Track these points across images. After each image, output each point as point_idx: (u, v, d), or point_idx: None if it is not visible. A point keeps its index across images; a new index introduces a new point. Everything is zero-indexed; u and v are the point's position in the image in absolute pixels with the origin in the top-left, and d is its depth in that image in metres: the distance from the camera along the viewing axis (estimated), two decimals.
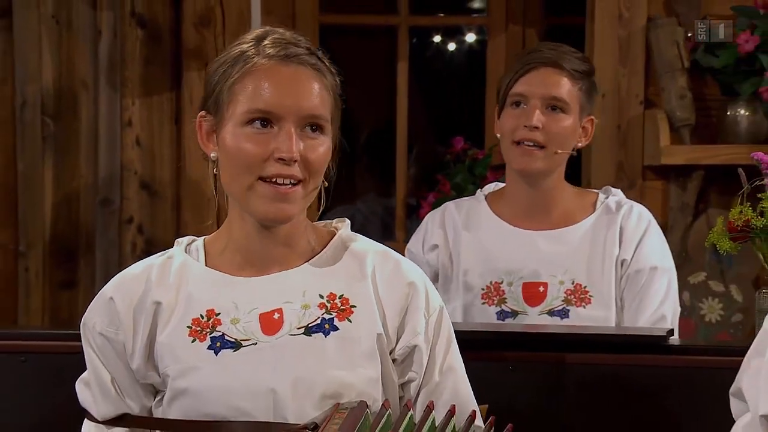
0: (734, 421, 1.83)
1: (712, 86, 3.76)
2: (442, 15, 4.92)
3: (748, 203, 2.70)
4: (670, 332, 2.50)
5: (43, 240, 3.93)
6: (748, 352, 1.83)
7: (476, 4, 4.80)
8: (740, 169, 2.77)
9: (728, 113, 3.70)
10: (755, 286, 3.12)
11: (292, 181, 1.87)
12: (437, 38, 5.05)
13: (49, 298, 3.95)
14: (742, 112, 3.67)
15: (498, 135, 2.76)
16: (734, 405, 1.83)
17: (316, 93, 1.89)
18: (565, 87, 2.68)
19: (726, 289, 3.63)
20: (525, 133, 2.66)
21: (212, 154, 1.93)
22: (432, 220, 2.83)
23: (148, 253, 2.25)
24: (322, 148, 1.89)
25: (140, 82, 3.88)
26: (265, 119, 1.86)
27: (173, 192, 3.90)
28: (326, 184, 1.94)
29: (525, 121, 2.66)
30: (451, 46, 5.08)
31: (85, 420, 1.99)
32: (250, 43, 1.90)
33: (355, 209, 4.51)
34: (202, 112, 1.94)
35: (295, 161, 1.85)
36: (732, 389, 1.83)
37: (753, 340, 1.87)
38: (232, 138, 1.88)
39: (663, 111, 3.74)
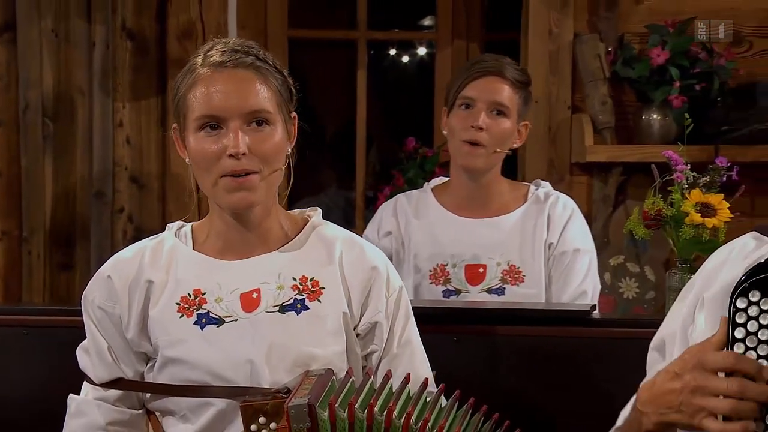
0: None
1: (629, 94, 3.78)
2: (396, 30, 4.93)
3: (660, 195, 2.73)
4: (593, 307, 2.52)
5: (44, 227, 3.90)
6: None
7: (426, 22, 4.79)
8: (653, 166, 2.80)
9: (643, 117, 3.72)
10: (665, 267, 3.15)
11: (246, 173, 1.86)
12: (392, 51, 5.06)
13: (49, 279, 3.93)
14: (655, 116, 3.69)
15: (445, 132, 2.77)
16: (651, 357, 1.81)
17: (257, 90, 1.87)
18: (507, 94, 2.69)
19: (641, 270, 3.66)
20: (472, 133, 2.67)
21: (187, 159, 1.92)
22: (385, 210, 2.84)
23: (137, 239, 2.26)
24: (270, 138, 1.88)
25: (129, 88, 3.86)
26: (213, 122, 1.86)
27: (159, 185, 3.88)
28: (282, 168, 1.92)
29: (472, 121, 2.67)
30: (405, 58, 5.09)
31: (84, 382, 1.99)
32: (200, 55, 1.90)
33: (319, 200, 4.50)
34: (174, 124, 1.94)
35: (244, 154, 1.84)
36: (654, 342, 1.81)
37: (665, 314, 1.87)
38: (193, 143, 1.88)
39: (587, 115, 3.75)
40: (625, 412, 1.77)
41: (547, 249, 2.72)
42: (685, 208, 2.65)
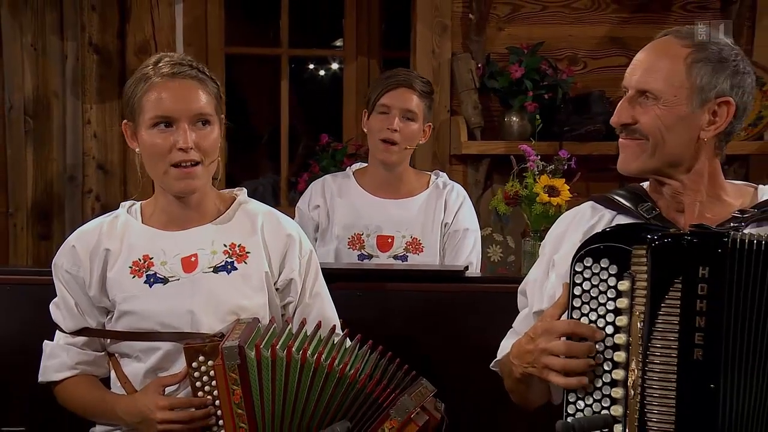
0: (514, 319, 1.85)
1: (495, 101, 3.80)
2: (313, 48, 4.88)
3: (517, 180, 2.76)
4: (466, 268, 2.54)
5: (27, 205, 3.81)
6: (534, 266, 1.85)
7: (338, 43, 4.75)
8: (512, 157, 2.83)
9: (505, 119, 3.74)
10: (522, 236, 3.17)
11: (192, 163, 1.83)
12: (311, 65, 5.03)
13: (32, 247, 3.84)
14: (514, 118, 3.71)
15: (365, 130, 2.75)
16: (520, 300, 1.84)
17: (200, 97, 1.85)
18: (416, 102, 2.69)
19: (504, 239, 3.68)
20: (388, 134, 2.67)
21: (136, 149, 1.88)
22: (315, 187, 2.83)
23: (103, 214, 2.24)
24: (211, 135, 1.87)
25: (96, 93, 3.78)
26: (166, 121, 1.82)
27: (121, 171, 3.80)
28: (218, 160, 1.90)
29: (388, 125, 2.67)
30: (320, 71, 5.06)
31: (57, 331, 1.97)
32: (150, 66, 1.86)
33: (253, 184, 4.45)
34: (125, 120, 1.90)
35: (191, 148, 1.82)
36: (520, 288, 1.84)
37: (522, 272, 1.89)
38: (146, 137, 1.85)
39: (462, 117, 3.76)
40: (504, 349, 1.78)
41: (443, 227, 2.74)
42: (536, 190, 2.69)
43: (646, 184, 1.77)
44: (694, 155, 1.65)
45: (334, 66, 5.00)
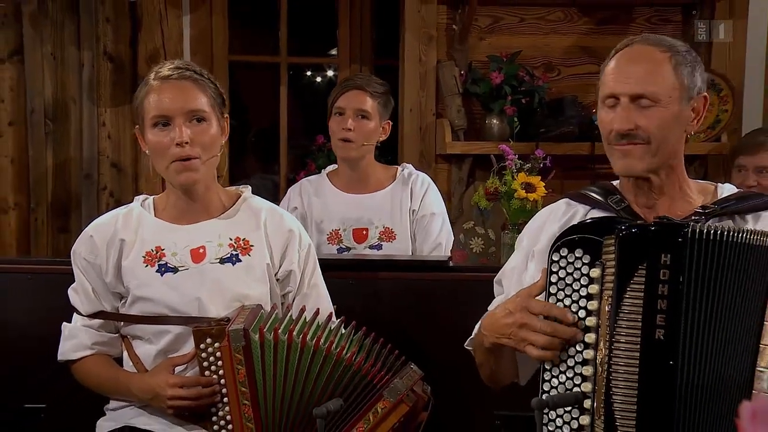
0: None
1: (476, 104, 3.80)
2: (310, 57, 4.87)
3: (497, 177, 2.77)
4: (450, 258, 2.54)
5: (47, 200, 3.80)
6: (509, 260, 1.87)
7: (333, 51, 4.74)
8: (492, 156, 2.83)
9: (486, 122, 3.74)
10: (502, 229, 3.19)
11: (190, 157, 1.83)
12: (308, 72, 5.01)
13: (51, 239, 3.83)
14: (495, 121, 3.72)
15: (330, 134, 2.77)
16: (496, 289, 1.86)
17: (195, 95, 1.84)
18: (368, 102, 2.69)
19: (485, 231, 3.68)
20: (344, 133, 2.68)
21: (146, 151, 1.89)
22: (293, 191, 2.83)
23: None
24: (207, 131, 1.86)
25: (110, 98, 3.76)
26: (164, 120, 1.82)
27: (133, 170, 3.79)
28: (218, 155, 1.90)
29: (343, 125, 2.67)
30: (316, 77, 5.05)
31: (74, 314, 1.97)
32: (152, 74, 1.87)
33: (253, 181, 4.44)
34: (136, 126, 1.91)
35: (187, 143, 1.81)
36: (496, 278, 1.86)
37: (501, 262, 1.90)
38: (150, 137, 1.85)
39: (447, 120, 3.76)
40: (476, 328, 1.79)
41: (411, 214, 2.74)
42: (514, 186, 2.70)
43: (616, 182, 1.78)
44: (680, 150, 1.68)
45: (330, 73, 4.99)
